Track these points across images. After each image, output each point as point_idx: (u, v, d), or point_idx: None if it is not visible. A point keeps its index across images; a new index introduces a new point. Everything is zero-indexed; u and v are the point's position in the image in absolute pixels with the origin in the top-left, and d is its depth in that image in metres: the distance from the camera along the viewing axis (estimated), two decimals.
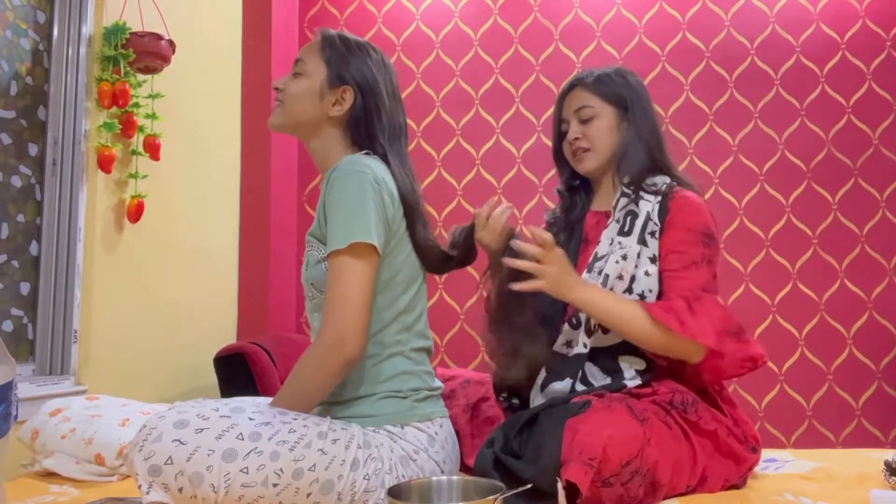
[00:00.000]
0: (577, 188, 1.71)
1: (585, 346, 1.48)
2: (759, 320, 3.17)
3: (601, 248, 1.53)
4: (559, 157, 1.70)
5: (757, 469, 1.57)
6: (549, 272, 1.39)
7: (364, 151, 1.42)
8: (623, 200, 1.55)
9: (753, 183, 3.25)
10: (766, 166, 3.25)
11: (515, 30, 3.44)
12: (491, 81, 3.42)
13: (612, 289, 1.47)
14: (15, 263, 2.16)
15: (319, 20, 3.51)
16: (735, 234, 3.23)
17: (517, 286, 1.40)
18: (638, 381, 1.46)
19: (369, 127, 1.43)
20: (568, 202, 1.70)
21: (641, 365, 1.49)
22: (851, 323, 3.15)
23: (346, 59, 1.44)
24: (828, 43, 3.28)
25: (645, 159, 1.57)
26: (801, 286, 3.18)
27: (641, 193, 1.53)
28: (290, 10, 3.42)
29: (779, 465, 1.67)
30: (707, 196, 3.18)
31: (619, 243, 1.50)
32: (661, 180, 1.56)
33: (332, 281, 1.29)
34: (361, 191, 1.30)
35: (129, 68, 2.35)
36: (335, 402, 1.37)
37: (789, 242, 3.20)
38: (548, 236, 1.39)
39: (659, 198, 1.52)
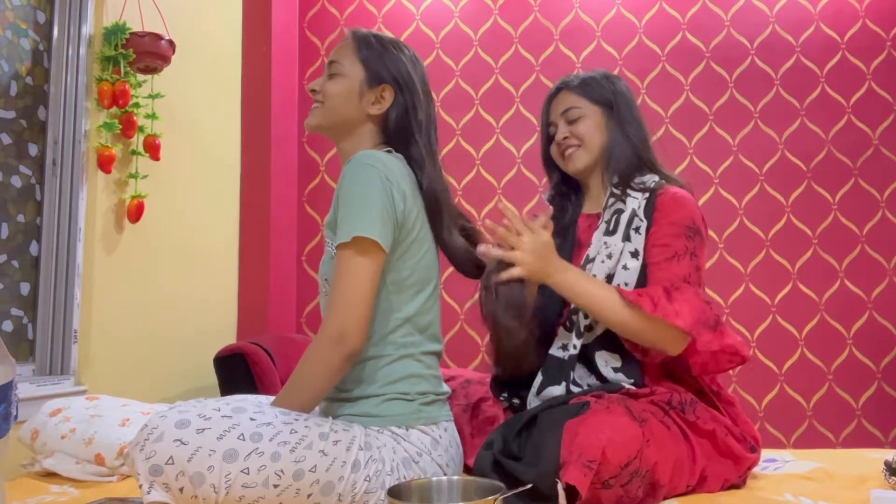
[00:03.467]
0: (567, 193, 1.70)
1: (576, 347, 1.48)
2: (759, 320, 3.18)
3: (592, 250, 1.53)
4: (548, 162, 1.70)
5: (757, 469, 1.57)
6: (525, 259, 1.38)
7: (386, 149, 1.41)
8: (611, 200, 1.55)
9: (753, 183, 3.25)
10: (766, 166, 3.25)
11: (515, 30, 3.44)
12: (491, 81, 3.42)
13: None
14: (15, 263, 2.16)
15: (319, 20, 3.51)
16: (735, 234, 3.23)
17: (500, 278, 1.40)
18: (622, 378, 1.46)
19: (407, 124, 1.43)
20: (559, 207, 1.69)
21: (618, 362, 1.48)
22: (851, 323, 3.15)
23: (382, 57, 1.44)
24: (828, 43, 3.29)
25: (632, 157, 1.57)
26: (801, 286, 3.18)
27: (629, 191, 1.54)
28: (290, 10, 3.41)
29: (779, 465, 1.67)
30: (707, 196, 3.23)
31: (605, 243, 1.51)
32: (650, 178, 1.56)
33: (335, 275, 1.30)
34: (370, 185, 1.29)
35: (129, 68, 2.35)
36: (342, 398, 1.36)
37: (789, 242, 3.20)
38: (520, 222, 1.40)
39: (646, 194, 1.53)
